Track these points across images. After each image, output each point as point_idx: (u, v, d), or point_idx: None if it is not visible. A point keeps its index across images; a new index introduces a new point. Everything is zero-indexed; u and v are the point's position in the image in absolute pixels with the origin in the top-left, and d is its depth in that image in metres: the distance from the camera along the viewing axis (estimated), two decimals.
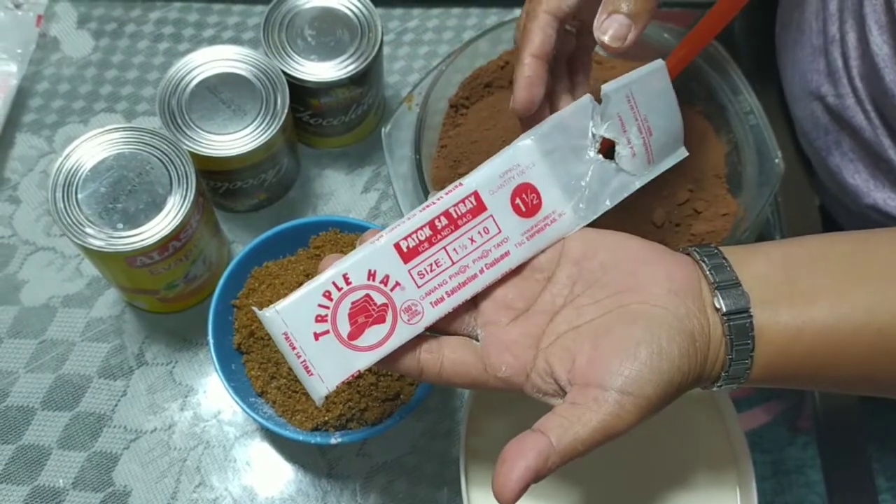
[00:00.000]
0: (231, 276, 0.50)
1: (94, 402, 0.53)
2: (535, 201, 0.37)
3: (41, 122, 0.61)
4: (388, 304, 0.34)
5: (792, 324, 0.35)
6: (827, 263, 0.36)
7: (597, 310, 0.35)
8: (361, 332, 0.34)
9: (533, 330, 0.36)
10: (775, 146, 0.53)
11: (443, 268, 0.35)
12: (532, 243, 0.37)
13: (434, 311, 0.35)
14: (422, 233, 0.35)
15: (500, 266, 0.36)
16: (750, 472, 0.47)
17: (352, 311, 0.34)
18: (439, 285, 0.35)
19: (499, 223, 0.36)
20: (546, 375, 0.34)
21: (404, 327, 0.34)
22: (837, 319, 0.34)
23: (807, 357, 0.35)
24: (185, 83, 0.52)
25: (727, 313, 0.34)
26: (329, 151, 0.62)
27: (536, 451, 0.32)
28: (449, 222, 0.35)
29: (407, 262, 0.35)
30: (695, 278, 0.35)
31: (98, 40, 0.64)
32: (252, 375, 0.50)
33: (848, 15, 0.53)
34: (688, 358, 0.34)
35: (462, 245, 0.35)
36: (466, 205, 0.35)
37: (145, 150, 0.48)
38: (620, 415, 0.32)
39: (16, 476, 0.51)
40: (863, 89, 0.52)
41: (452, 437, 0.54)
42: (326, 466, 0.53)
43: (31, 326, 0.55)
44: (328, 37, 0.54)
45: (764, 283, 0.35)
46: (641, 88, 0.38)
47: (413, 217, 0.35)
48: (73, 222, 0.46)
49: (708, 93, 0.55)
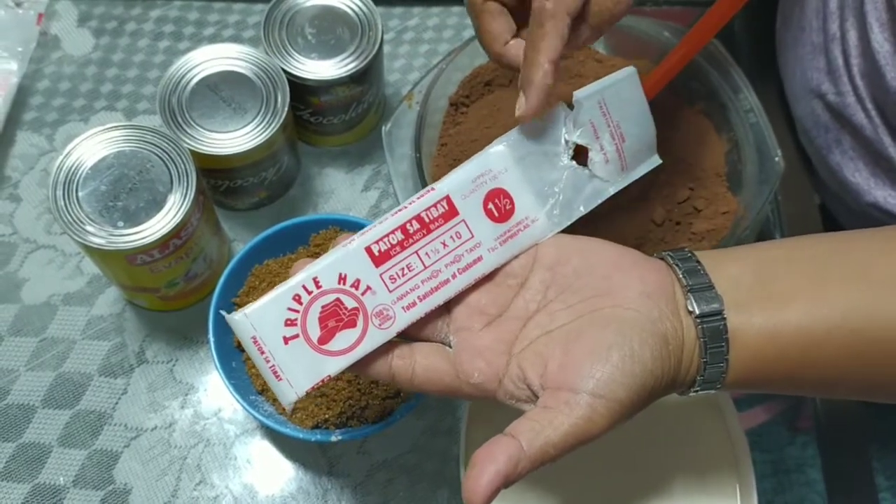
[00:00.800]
0: (231, 274, 0.51)
1: (94, 400, 0.53)
2: (508, 206, 0.37)
3: (42, 120, 0.61)
4: (360, 309, 0.34)
5: (766, 326, 0.34)
6: (800, 265, 0.36)
7: (569, 314, 0.35)
8: (332, 337, 0.34)
9: (506, 336, 0.35)
10: (775, 144, 0.53)
11: (415, 272, 0.35)
12: (505, 248, 0.36)
13: (406, 315, 0.35)
14: (393, 237, 0.35)
15: (472, 271, 0.36)
16: (750, 470, 0.47)
17: (322, 315, 0.34)
18: (411, 290, 0.35)
19: (471, 228, 0.36)
20: (519, 381, 0.34)
21: (376, 332, 0.34)
22: (811, 321, 0.34)
23: (782, 359, 0.35)
24: (186, 81, 0.52)
25: (700, 316, 0.34)
26: (329, 150, 0.62)
27: (507, 455, 0.32)
28: (421, 226, 0.35)
29: (378, 265, 0.34)
30: (668, 282, 0.35)
31: (99, 38, 0.64)
32: (252, 373, 0.50)
33: (849, 13, 0.53)
34: (661, 361, 0.33)
35: (434, 249, 0.35)
36: (438, 209, 0.35)
37: (146, 149, 0.48)
38: (592, 418, 0.32)
39: (16, 474, 0.51)
40: (863, 87, 0.52)
41: (453, 435, 0.54)
42: (327, 464, 0.53)
43: (32, 324, 0.55)
44: (328, 35, 0.54)
45: (737, 286, 0.35)
46: (614, 95, 0.38)
47: (385, 221, 0.35)
48: (74, 220, 0.46)
49: (708, 91, 0.55)
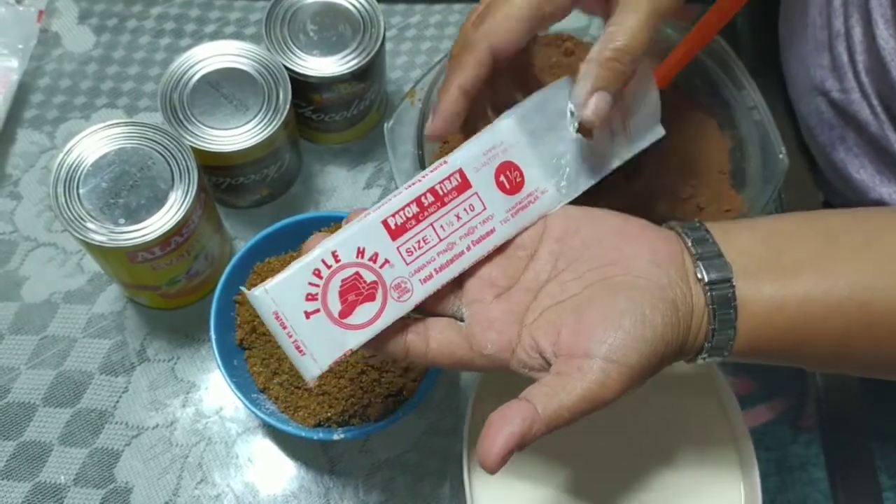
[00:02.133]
0: (233, 271, 0.50)
1: (95, 398, 0.53)
2: (519, 179, 0.37)
3: (42, 117, 0.61)
4: (378, 282, 0.34)
5: (775, 296, 0.35)
6: (810, 238, 0.36)
7: (580, 284, 0.35)
8: (352, 311, 0.34)
9: (517, 307, 0.36)
10: (779, 142, 0.52)
11: (430, 245, 0.35)
12: (516, 220, 0.37)
13: (423, 288, 0.35)
14: (409, 210, 0.35)
15: (486, 243, 0.36)
16: (754, 469, 0.47)
17: (342, 288, 0.34)
18: (427, 262, 0.35)
19: (484, 200, 0.36)
20: (531, 350, 0.35)
21: (394, 305, 0.34)
22: (820, 293, 0.35)
23: (789, 330, 0.35)
24: (187, 78, 0.52)
25: (709, 283, 0.35)
26: (331, 147, 0.61)
27: (521, 417, 0.32)
28: (435, 199, 0.35)
29: (395, 239, 0.35)
30: (677, 251, 0.36)
31: (99, 36, 0.64)
32: (254, 371, 0.50)
33: (853, 9, 0.53)
34: (671, 326, 0.34)
35: (449, 222, 0.35)
36: (452, 182, 0.35)
37: (147, 146, 0.47)
38: (605, 383, 0.33)
39: (17, 472, 0.51)
40: (869, 84, 0.52)
41: (455, 434, 0.53)
42: (329, 463, 0.52)
43: (33, 323, 0.55)
44: (330, 32, 0.54)
45: (747, 256, 0.35)
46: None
47: (400, 194, 0.35)
48: (75, 217, 0.45)
49: (711, 88, 0.55)
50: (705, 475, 0.48)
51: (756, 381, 0.58)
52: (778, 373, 0.58)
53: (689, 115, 0.55)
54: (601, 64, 0.36)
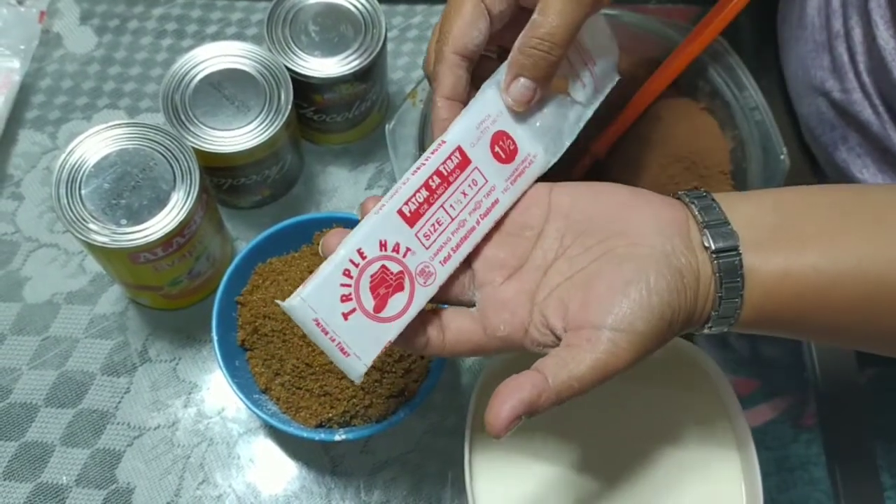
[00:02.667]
0: (235, 272, 0.50)
1: (97, 398, 0.53)
2: (512, 147, 0.37)
3: (44, 118, 0.61)
4: (404, 271, 0.35)
5: (782, 266, 0.35)
6: (819, 209, 0.36)
7: (587, 258, 0.35)
8: (385, 303, 0.34)
9: (527, 286, 0.36)
10: (780, 142, 0.53)
11: (444, 226, 0.36)
12: (515, 187, 0.37)
13: (444, 269, 0.36)
14: (420, 195, 0.35)
15: (492, 214, 0.37)
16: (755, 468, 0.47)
17: (372, 284, 0.34)
18: (444, 243, 0.36)
19: (484, 173, 0.37)
20: (543, 327, 0.35)
21: (421, 290, 0.35)
22: (827, 264, 0.35)
23: (796, 301, 0.35)
24: (189, 79, 0.52)
25: (716, 251, 0.35)
26: (332, 148, 0.61)
27: (531, 384, 0.32)
28: (441, 181, 0.36)
29: (412, 226, 0.35)
30: (682, 218, 0.36)
31: (101, 36, 0.64)
32: (256, 372, 0.50)
33: (852, 10, 0.53)
34: (677, 293, 0.34)
35: (457, 200, 0.36)
36: (453, 160, 0.36)
37: (149, 146, 0.47)
38: (615, 352, 0.33)
39: (19, 473, 0.51)
40: (870, 84, 0.52)
41: (457, 434, 0.53)
42: (330, 463, 0.52)
43: (35, 323, 0.55)
44: (332, 33, 0.54)
45: (754, 226, 0.35)
46: (585, 28, 0.39)
47: (408, 181, 0.35)
48: (77, 218, 0.46)
49: (713, 89, 0.55)
50: (706, 474, 0.48)
51: (757, 381, 0.58)
52: (779, 372, 0.59)
53: (690, 115, 0.55)
54: (521, 52, 0.37)
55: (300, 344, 0.48)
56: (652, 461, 0.49)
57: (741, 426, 0.48)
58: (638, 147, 0.54)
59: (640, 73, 0.56)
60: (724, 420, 0.49)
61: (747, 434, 0.47)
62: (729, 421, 0.49)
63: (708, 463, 0.48)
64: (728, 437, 0.49)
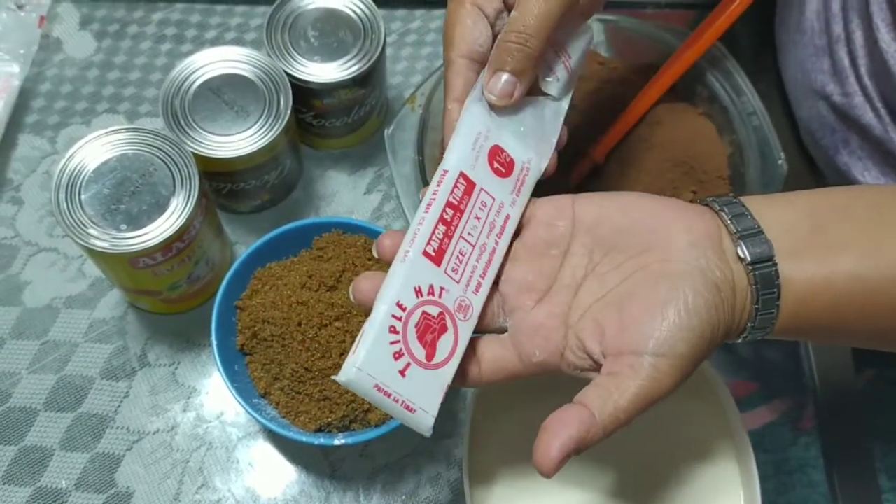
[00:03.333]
0: (234, 277, 0.50)
1: (96, 403, 0.53)
2: (508, 159, 0.37)
3: (44, 122, 0.61)
4: (444, 311, 0.34)
5: (819, 273, 0.34)
6: (853, 213, 0.36)
7: (618, 275, 0.35)
8: (435, 349, 0.33)
9: (559, 308, 0.35)
10: (778, 147, 0.53)
11: (467, 255, 0.35)
12: (521, 199, 0.37)
13: (478, 298, 0.35)
14: (438, 231, 0.34)
15: (507, 231, 0.36)
16: (753, 471, 0.47)
17: (418, 333, 0.33)
18: (472, 273, 0.35)
19: (490, 192, 0.36)
20: (580, 351, 0.34)
21: (463, 326, 0.34)
22: (865, 269, 0.34)
23: (833, 307, 0.34)
24: (188, 84, 0.52)
25: (751, 262, 0.34)
26: (332, 153, 0.62)
27: (578, 421, 0.32)
28: (454, 211, 0.35)
29: (439, 264, 0.34)
30: (714, 228, 0.35)
31: (100, 41, 0.64)
32: (255, 376, 0.50)
33: (853, 14, 0.53)
34: (715, 310, 0.33)
35: (473, 227, 0.35)
36: (459, 188, 0.35)
37: (148, 152, 0.48)
38: (658, 378, 0.32)
39: (18, 477, 0.51)
40: (872, 87, 0.52)
41: (455, 438, 0.54)
42: (329, 468, 0.53)
43: (34, 327, 0.55)
44: (331, 38, 0.54)
45: (788, 232, 0.35)
46: (572, 48, 0.39)
47: (424, 220, 0.34)
48: (77, 223, 0.46)
49: (711, 94, 0.55)
50: (704, 478, 0.48)
51: (756, 383, 0.58)
52: (777, 374, 0.59)
53: (688, 120, 0.55)
54: (499, 48, 0.37)
55: (299, 349, 0.48)
56: (649, 466, 0.49)
57: (739, 429, 0.48)
58: (636, 151, 0.54)
59: (639, 78, 0.56)
60: (722, 423, 0.49)
61: (745, 437, 0.47)
62: (727, 423, 0.49)
63: (706, 466, 0.49)
64: (726, 440, 0.49)
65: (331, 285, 0.49)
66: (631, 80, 0.56)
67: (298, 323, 0.48)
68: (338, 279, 0.50)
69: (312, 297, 0.49)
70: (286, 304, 0.48)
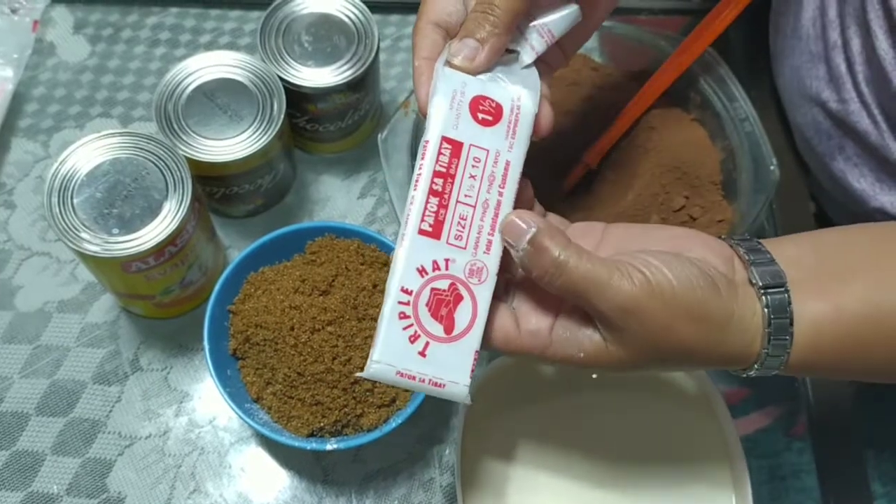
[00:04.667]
0: (227, 281, 0.50)
1: (88, 407, 0.53)
2: (493, 104, 0.36)
3: (37, 126, 0.61)
4: (454, 282, 0.34)
5: (831, 302, 0.35)
6: (858, 246, 0.37)
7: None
8: (453, 321, 0.34)
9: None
10: (770, 153, 0.53)
11: (469, 217, 0.34)
12: (518, 140, 0.36)
13: (491, 257, 0.34)
14: (431, 205, 0.34)
15: (510, 177, 0.35)
16: (745, 477, 0.47)
17: (431, 311, 0.33)
18: (479, 233, 0.34)
19: (481, 146, 0.35)
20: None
21: (480, 289, 0.34)
22: (875, 296, 0.35)
23: (847, 336, 0.35)
24: (182, 88, 0.52)
25: (764, 287, 0.34)
26: (325, 157, 0.62)
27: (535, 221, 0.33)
28: (444, 179, 0.34)
29: (439, 237, 0.34)
30: (729, 254, 0.36)
31: (94, 45, 0.64)
32: (247, 381, 0.50)
33: (850, 21, 0.53)
34: (710, 291, 0.33)
35: (469, 187, 0.35)
36: (445, 153, 0.35)
37: (141, 156, 0.48)
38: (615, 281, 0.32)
39: (9, 482, 0.51)
40: (869, 94, 0.52)
41: (448, 444, 0.53)
42: (322, 472, 0.52)
43: (26, 332, 0.55)
44: (325, 43, 0.55)
45: (797, 266, 0.35)
46: (553, 21, 0.38)
47: (414, 199, 0.34)
48: (69, 227, 0.46)
49: (703, 100, 0.55)
50: (697, 483, 0.49)
51: (749, 389, 0.58)
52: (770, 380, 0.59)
53: (680, 126, 0.55)
54: (468, 17, 0.37)
55: (292, 353, 0.48)
56: (642, 472, 0.49)
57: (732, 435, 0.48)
58: (630, 157, 0.54)
59: (632, 83, 0.56)
60: (715, 429, 0.49)
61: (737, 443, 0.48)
62: (719, 429, 0.49)
63: (698, 472, 0.49)
64: (719, 446, 0.49)
65: (324, 290, 0.49)
66: (624, 86, 0.57)
67: (291, 327, 0.48)
68: (331, 283, 0.50)
69: (305, 302, 0.48)
70: (279, 309, 0.48)
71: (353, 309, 0.48)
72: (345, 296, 0.49)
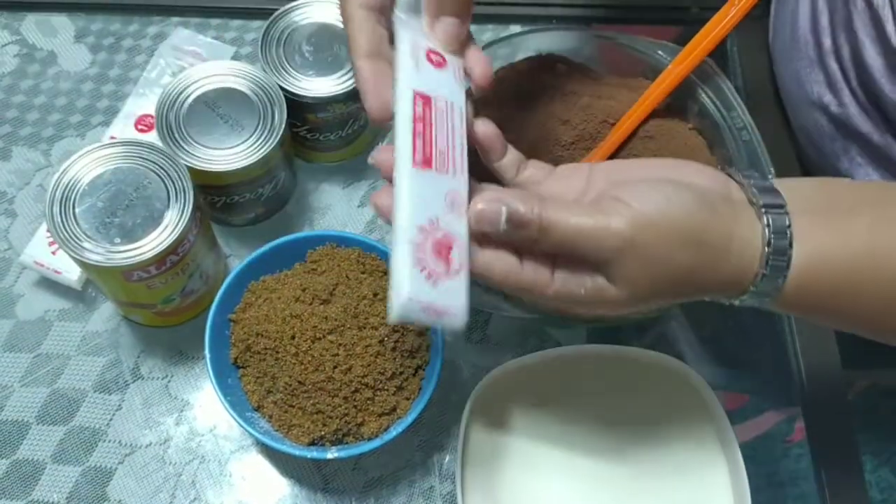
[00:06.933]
0: (228, 290, 0.51)
1: (88, 416, 0.53)
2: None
3: (38, 135, 0.61)
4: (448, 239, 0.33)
5: (835, 231, 0.34)
6: (862, 188, 0.37)
7: None
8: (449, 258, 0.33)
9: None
10: (768, 162, 0.53)
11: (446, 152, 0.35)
12: (462, 84, 0.37)
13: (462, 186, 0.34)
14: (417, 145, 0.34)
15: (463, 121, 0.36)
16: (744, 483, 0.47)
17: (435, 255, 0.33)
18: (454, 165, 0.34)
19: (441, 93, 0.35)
20: None
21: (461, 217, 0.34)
22: (880, 234, 0.34)
23: (848, 270, 0.34)
24: (183, 98, 0.52)
25: (764, 206, 0.34)
26: (325, 166, 0.62)
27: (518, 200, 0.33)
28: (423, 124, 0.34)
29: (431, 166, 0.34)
30: (723, 180, 0.35)
31: (95, 54, 0.64)
32: (248, 390, 0.50)
33: (840, 29, 0.53)
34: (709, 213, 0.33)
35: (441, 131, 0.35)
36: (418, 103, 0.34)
37: (143, 165, 0.48)
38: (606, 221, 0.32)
39: (10, 491, 0.51)
40: (864, 98, 0.53)
41: (448, 452, 0.54)
42: (322, 481, 0.53)
43: (27, 340, 0.55)
44: (326, 52, 0.55)
45: (800, 197, 0.35)
46: None
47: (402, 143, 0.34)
48: (71, 236, 0.46)
49: (701, 109, 0.56)
50: (695, 490, 0.49)
51: (747, 395, 0.58)
52: (768, 387, 0.59)
53: (678, 135, 0.56)
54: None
55: (293, 362, 0.48)
56: (640, 478, 0.49)
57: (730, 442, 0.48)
58: None
59: (630, 93, 0.57)
60: (714, 436, 0.50)
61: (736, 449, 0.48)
62: (718, 437, 0.49)
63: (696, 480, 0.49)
64: (717, 454, 0.49)
65: (324, 298, 0.50)
66: (622, 96, 0.57)
67: (292, 336, 0.48)
68: (331, 292, 0.50)
69: (306, 311, 0.49)
70: (280, 318, 0.49)
71: (354, 318, 0.48)
72: (345, 305, 0.49)
